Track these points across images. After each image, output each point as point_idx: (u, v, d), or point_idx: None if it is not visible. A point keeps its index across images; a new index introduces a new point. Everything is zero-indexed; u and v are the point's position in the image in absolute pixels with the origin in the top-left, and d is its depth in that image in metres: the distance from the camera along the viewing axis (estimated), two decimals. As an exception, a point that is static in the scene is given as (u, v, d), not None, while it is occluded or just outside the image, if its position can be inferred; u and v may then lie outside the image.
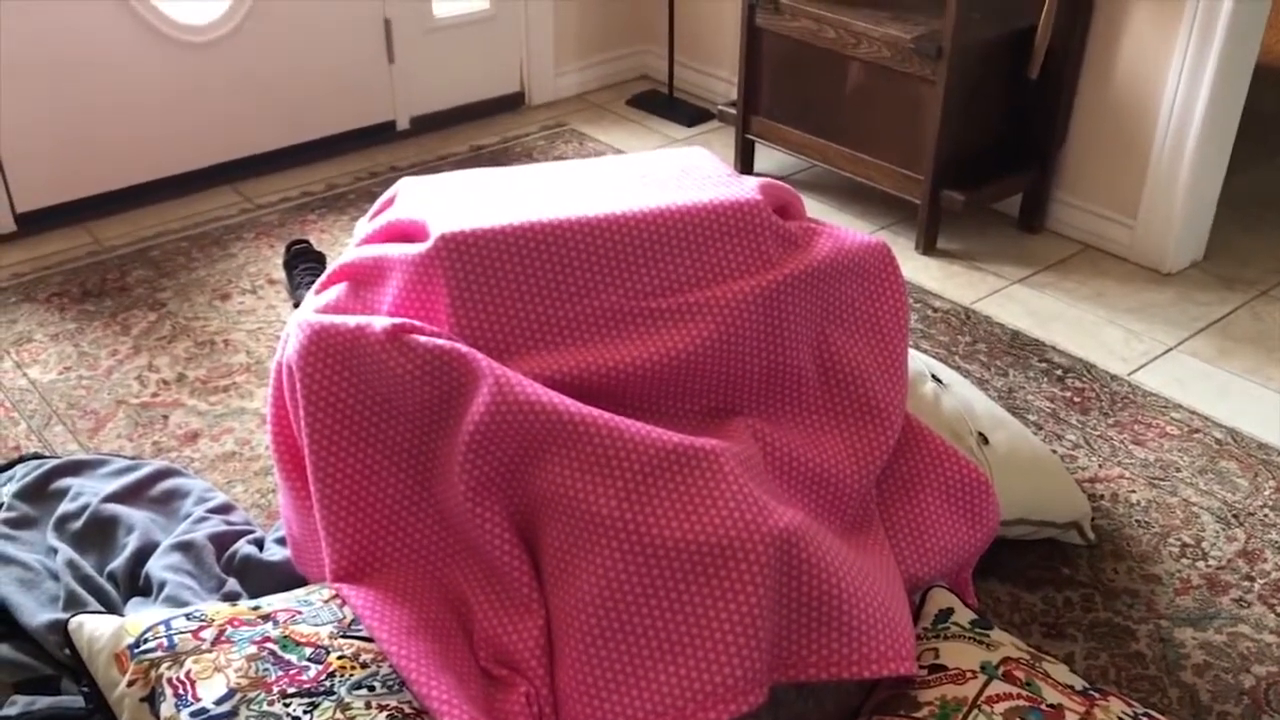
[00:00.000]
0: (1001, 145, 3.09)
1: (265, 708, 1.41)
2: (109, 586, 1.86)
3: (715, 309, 1.76)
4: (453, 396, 1.63)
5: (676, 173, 1.96)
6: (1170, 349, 2.69)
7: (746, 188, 1.88)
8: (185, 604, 1.75)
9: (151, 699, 1.45)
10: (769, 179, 1.96)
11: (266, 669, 1.46)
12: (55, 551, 1.91)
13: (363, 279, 1.80)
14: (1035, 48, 2.91)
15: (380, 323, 1.65)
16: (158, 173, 3.29)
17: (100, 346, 2.66)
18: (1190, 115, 2.81)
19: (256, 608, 1.58)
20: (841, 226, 1.96)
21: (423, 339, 1.63)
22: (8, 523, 1.99)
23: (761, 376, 1.81)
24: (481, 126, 3.82)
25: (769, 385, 1.82)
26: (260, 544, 1.94)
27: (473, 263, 1.70)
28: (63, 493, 2.04)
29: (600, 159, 2.05)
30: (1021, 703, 1.52)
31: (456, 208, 1.80)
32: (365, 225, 1.92)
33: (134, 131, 3.21)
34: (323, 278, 1.87)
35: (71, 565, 1.86)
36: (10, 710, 1.60)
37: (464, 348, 1.63)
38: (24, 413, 2.44)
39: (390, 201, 1.94)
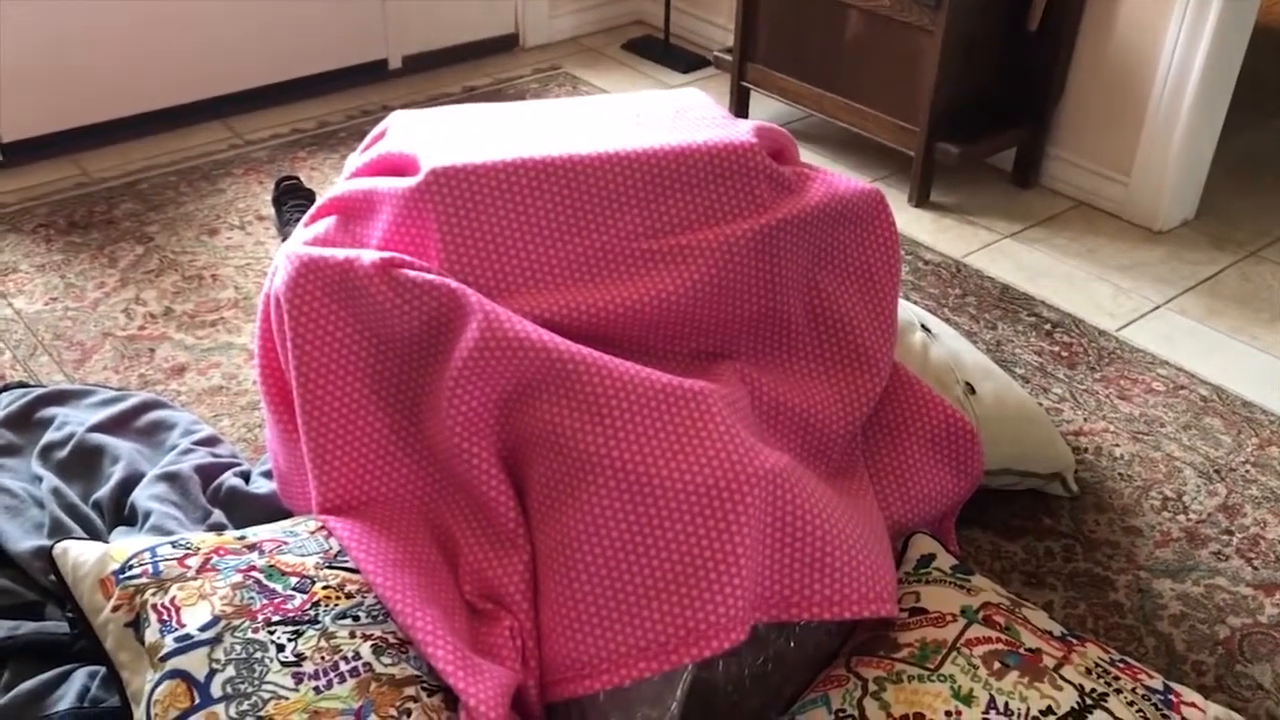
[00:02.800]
0: (998, 99, 3.07)
1: (250, 635, 1.42)
2: (94, 515, 1.86)
3: (707, 252, 1.76)
4: (441, 332, 1.62)
5: (671, 114, 1.94)
6: (1159, 306, 2.70)
7: (741, 130, 1.87)
8: (170, 534, 1.75)
9: (136, 624, 1.46)
10: (764, 123, 1.94)
11: (251, 597, 1.46)
12: (40, 479, 1.91)
13: (353, 212, 1.79)
14: (1035, 0, 2.88)
15: (369, 256, 1.63)
16: (147, 106, 3.25)
17: (87, 278, 2.64)
18: (1187, 74, 2.79)
19: (242, 537, 1.58)
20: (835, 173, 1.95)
21: (412, 273, 1.62)
22: (-8, 450, 1.98)
23: (751, 320, 1.81)
24: (474, 67, 3.78)
25: (759, 329, 1.82)
26: (246, 477, 1.94)
27: (464, 198, 1.69)
28: (48, 421, 2.04)
29: (595, 98, 2.03)
30: (1000, 646, 1.54)
31: (449, 142, 1.78)
32: (357, 158, 1.91)
33: (124, 63, 3.16)
34: (312, 210, 1.85)
35: (56, 493, 1.86)
36: (-6, 634, 1.61)
37: (454, 283, 1.62)
38: (9, 342, 2.42)
39: (382, 134, 1.92)
